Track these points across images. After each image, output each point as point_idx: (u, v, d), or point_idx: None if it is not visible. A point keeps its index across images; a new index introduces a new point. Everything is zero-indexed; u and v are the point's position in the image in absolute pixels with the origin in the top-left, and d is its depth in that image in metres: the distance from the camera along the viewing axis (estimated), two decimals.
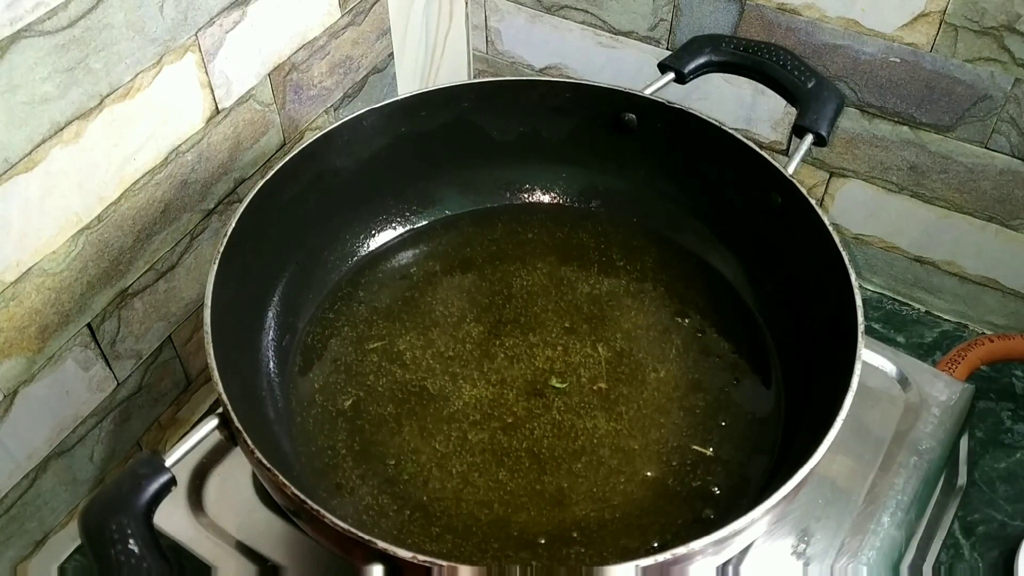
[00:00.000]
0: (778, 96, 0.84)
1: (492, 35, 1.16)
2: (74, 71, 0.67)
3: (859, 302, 0.67)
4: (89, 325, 0.78)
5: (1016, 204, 0.94)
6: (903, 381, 0.83)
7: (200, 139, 0.82)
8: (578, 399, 0.76)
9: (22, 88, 0.64)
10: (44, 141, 0.67)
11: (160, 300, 0.85)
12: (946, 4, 0.86)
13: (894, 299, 1.08)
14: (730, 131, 0.80)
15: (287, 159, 0.76)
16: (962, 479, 0.88)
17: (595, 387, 0.77)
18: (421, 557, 0.55)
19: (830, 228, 0.71)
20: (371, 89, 1.03)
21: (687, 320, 0.82)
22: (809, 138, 0.79)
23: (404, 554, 0.55)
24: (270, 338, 0.78)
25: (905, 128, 0.95)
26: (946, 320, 1.06)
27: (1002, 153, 0.92)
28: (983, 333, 1.04)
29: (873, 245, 1.06)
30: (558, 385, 0.77)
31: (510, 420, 0.75)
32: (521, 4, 1.10)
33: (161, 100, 0.76)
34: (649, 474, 0.72)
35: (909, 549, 0.77)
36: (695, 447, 0.74)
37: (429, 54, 1.12)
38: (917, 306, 1.08)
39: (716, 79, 0.90)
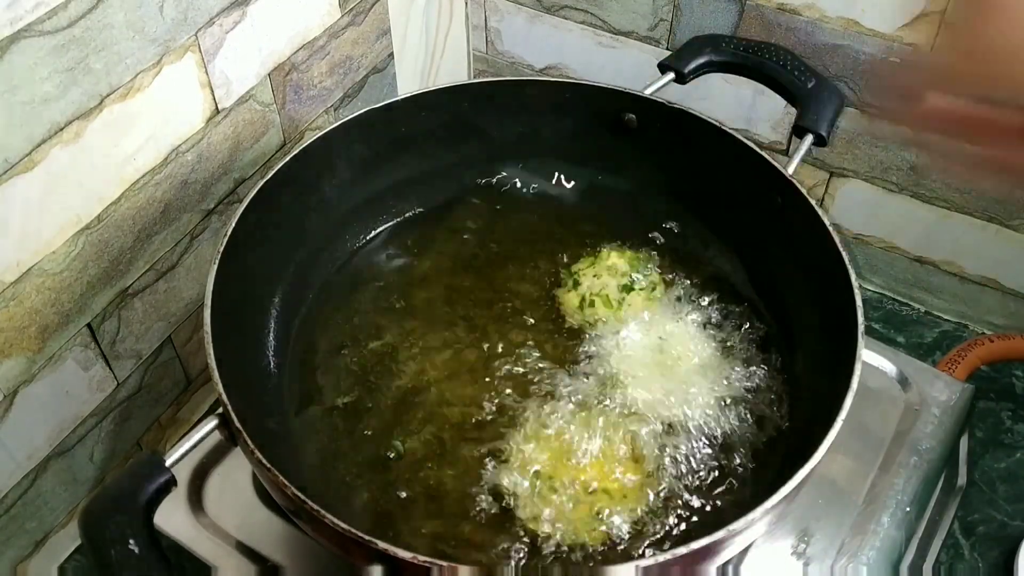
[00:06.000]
0: (778, 96, 0.84)
1: (492, 35, 1.16)
2: (74, 71, 0.67)
3: (859, 302, 0.67)
4: (89, 325, 0.78)
5: (1016, 204, 0.94)
6: (903, 381, 0.83)
7: (200, 139, 0.82)
8: (577, 395, 0.76)
9: (22, 88, 0.64)
10: (44, 141, 0.67)
11: (160, 300, 0.85)
12: (946, 4, 0.86)
13: (894, 299, 1.08)
14: (730, 131, 0.80)
15: (287, 159, 0.76)
16: (962, 479, 0.88)
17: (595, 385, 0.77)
18: (421, 557, 0.55)
19: (830, 228, 0.71)
20: (371, 89, 1.03)
21: (687, 319, 0.82)
22: (809, 138, 0.79)
23: (404, 554, 0.55)
24: (270, 338, 0.78)
25: (905, 128, 0.95)
26: (946, 320, 1.06)
27: None
28: (983, 333, 1.04)
29: (873, 245, 1.06)
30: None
31: (511, 420, 0.75)
32: (521, 4, 1.10)
33: (161, 100, 0.76)
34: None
35: (909, 549, 0.77)
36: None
37: (429, 54, 1.12)
38: (917, 306, 1.08)
39: (716, 79, 0.90)
